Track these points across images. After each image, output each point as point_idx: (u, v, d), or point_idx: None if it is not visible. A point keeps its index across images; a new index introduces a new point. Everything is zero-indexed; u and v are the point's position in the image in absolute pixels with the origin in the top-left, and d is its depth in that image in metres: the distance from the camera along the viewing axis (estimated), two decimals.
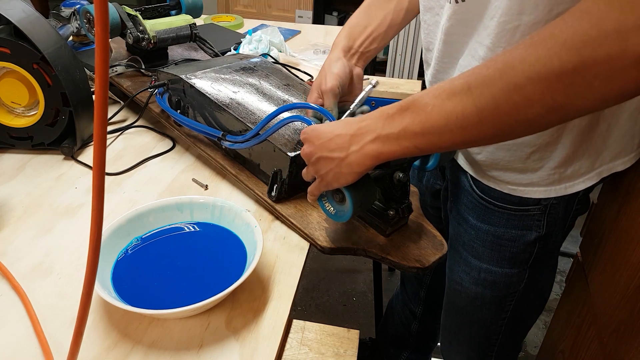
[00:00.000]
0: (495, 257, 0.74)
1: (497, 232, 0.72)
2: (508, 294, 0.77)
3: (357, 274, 1.88)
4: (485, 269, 0.76)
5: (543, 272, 0.77)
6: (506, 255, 0.73)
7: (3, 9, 0.76)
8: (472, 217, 0.74)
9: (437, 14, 0.65)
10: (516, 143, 0.64)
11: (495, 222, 0.71)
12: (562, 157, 0.63)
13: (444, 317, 0.92)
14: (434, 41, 0.68)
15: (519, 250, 0.72)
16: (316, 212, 0.72)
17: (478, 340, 0.87)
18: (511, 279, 0.75)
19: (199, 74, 0.83)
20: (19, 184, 0.77)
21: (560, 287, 1.85)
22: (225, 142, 0.76)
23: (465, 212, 0.75)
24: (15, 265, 0.62)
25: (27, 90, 0.81)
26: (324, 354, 0.56)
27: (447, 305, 0.89)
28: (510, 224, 0.70)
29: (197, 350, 0.53)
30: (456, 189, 0.77)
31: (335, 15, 3.14)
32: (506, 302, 0.78)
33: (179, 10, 1.09)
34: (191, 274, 0.59)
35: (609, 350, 0.78)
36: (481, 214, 0.72)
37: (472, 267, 0.77)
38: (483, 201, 0.71)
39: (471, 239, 0.76)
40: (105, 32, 0.30)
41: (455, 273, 0.81)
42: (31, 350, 0.51)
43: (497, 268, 0.75)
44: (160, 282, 0.58)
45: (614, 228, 0.83)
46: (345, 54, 0.77)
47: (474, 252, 0.76)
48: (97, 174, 0.35)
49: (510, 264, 0.74)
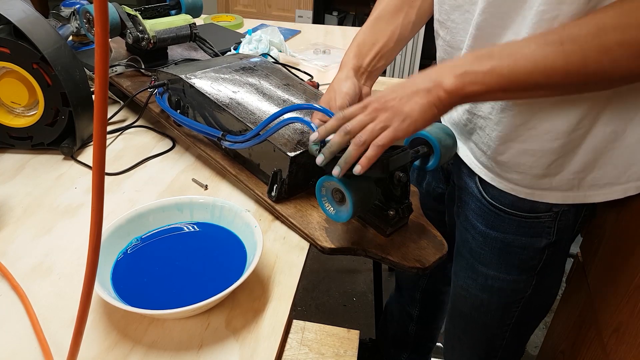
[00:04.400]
0: (504, 264, 0.73)
1: (506, 239, 0.71)
2: (515, 300, 0.77)
3: (357, 274, 1.88)
4: (493, 276, 0.75)
5: (550, 277, 0.76)
6: (515, 262, 0.73)
7: (3, 9, 0.76)
8: (481, 223, 0.73)
9: (468, 11, 0.64)
10: (543, 150, 0.63)
11: (505, 229, 0.71)
12: (583, 162, 0.63)
13: (448, 321, 0.92)
14: (462, 39, 0.67)
15: (528, 257, 0.71)
16: (316, 212, 0.72)
17: (482, 345, 0.86)
18: (518, 285, 0.75)
19: (198, 73, 0.83)
20: (18, 184, 0.77)
21: (560, 287, 1.85)
22: (225, 142, 0.76)
23: (473, 218, 0.74)
24: (15, 265, 0.62)
25: (27, 90, 0.81)
26: (324, 354, 0.55)
27: (452, 310, 0.88)
28: (521, 231, 0.70)
29: (197, 351, 0.53)
30: (464, 195, 0.76)
31: (335, 15, 3.14)
32: (512, 308, 0.78)
33: (178, 10, 1.09)
34: (191, 274, 0.59)
35: (609, 351, 0.78)
36: (490, 220, 0.72)
37: (478, 273, 0.77)
38: (493, 208, 0.71)
39: (479, 246, 0.75)
40: (105, 32, 0.30)
41: (461, 279, 0.81)
42: (31, 350, 0.51)
43: (504, 275, 0.74)
44: (160, 282, 0.58)
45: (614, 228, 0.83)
46: (355, 72, 0.75)
47: (481, 259, 0.75)
48: (97, 174, 0.35)
49: (518, 270, 0.73)
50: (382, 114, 0.57)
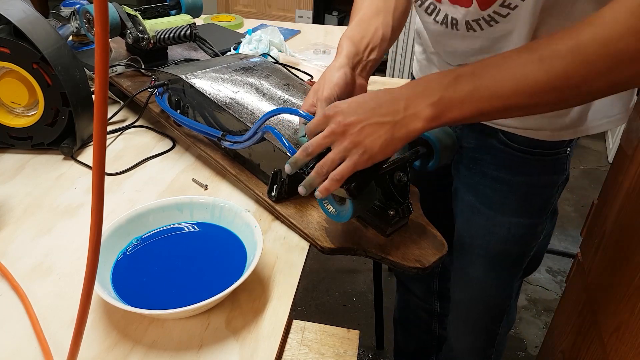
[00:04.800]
0: (527, 208, 0.78)
1: (532, 181, 0.76)
2: (528, 249, 0.83)
3: (357, 274, 1.88)
4: (516, 224, 0.79)
5: (550, 223, 0.84)
6: (536, 204, 0.78)
7: (3, 9, 0.76)
8: (505, 172, 0.77)
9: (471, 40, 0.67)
10: None
11: (530, 171, 0.76)
12: None
13: (459, 292, 0.94)
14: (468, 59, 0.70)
15: (549, 196, 0.78)
16: (316, 212, 0.72)
17: (493, 308, 0.91)
18: (536, 229, 0.81)
19: (198, 73, 0.83)
20: (18, 184, 0.77)
21: (560, 287, 1.85)
22: (225, 142, 0.76)
23: (495, 171, 0.78)
24: (15, 265, 0.62)
25: (27, 90, 0.81)
26: (324, 354, 0.55)
27: (464, 277, 0.91)
28: (545, 169, 0.75)
29: (197, 351, 0.53)
30: (484, 154, 0.79)
31: (335, 15, 3.14)
32: (524, 259, 0.84)
33: (178, 10, 1.09)
34: (191, 274, 0.59)
35: (610, 351, 0.78)
36: (516, 166, 0.76)
37: (501, 224, 0.80)
38: (519, 152, 0.74)
39: (503, 196, 0.78)
40: (105, 32, 0.30)
41: (480, 237, 0.84)
42: (31, 351, 0.51)
43: (526, 220, 0.79)
44: (160, 282, 0.58)
45: (614, 228, 0.83)
46: (349, 60, 0.72)
47: (503, 209, 0.79)
48: (97, 174, 0.35)
49: (537, 213, 0.79)
50: (340, 141, 0.57)
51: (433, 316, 1.16)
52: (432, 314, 1.16)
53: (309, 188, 0.60)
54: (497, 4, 0.64)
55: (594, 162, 2.62)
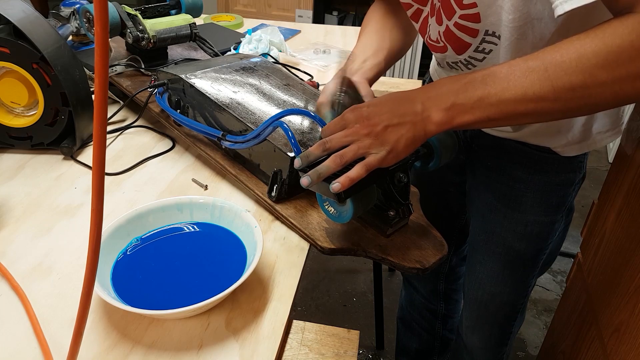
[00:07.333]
0: (544, 205, 0.79)
1: (549, 179, 0.77)
2: (545, 246, 0.84)
3: (357, 275, 1.88)
4: (533, 221, 0.80)
5: (566, 220, 0.85)
6: (553, 202, 0.79)
7: (3, 8, 0.76)
8: (522, 171, 0.78)
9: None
10: None
11: (548, 169, 0.77)
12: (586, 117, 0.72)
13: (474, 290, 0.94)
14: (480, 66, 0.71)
15: (565, 194, 0.79)
16: (316, 212, 0.72)
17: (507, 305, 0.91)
18: (553, 226, 0.82)
19: (198, 73, 0.83)
20: (18, 184, 0.77)
21: (560, 287, 1.85)
22: (225, 142, 0.76)
23: (512, 168, 0.79)
24: (14, 265, 0.62)
25: (27, 90, 0.81)
26: (324, 354, 0.55)
27: (480, 275, 0.91)
28: (562, 168, 0.77)
29: (196, 351, 0.52)
30: (500, 153, 0.80)
31: (335, 15, 3.14)
32: (540, 256, 0.85)
33: (178, 10, 1.09)
34: (191, 274, 0.59)
35: (610, 351, 0.78)
36: (533, 164, 0.77)
37: (518, 222, 0.81)
38: (537, 151, 0.76)
39: (520, 194, 0.79)
40: (104, 31, 0.30)
41: (497, 235, 0.84)
42: (31, 351, 0.51)
43: (543, 217, 0.80)
44: (160, 282, 0.58)
45: (614, 228, 0.83)
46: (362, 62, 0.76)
47: (520, 207, 0.80)
48: (97, 174, 0.35)
49: (554, 210, 0.80)
50: (365, 138, 0.57)
51: (437, 317, 1.16)
52: (436, 315, 1.16)
53: (316, 178, 0.57)
54: (471, 49, 0.68)
55: (594, 162, 2.63)
